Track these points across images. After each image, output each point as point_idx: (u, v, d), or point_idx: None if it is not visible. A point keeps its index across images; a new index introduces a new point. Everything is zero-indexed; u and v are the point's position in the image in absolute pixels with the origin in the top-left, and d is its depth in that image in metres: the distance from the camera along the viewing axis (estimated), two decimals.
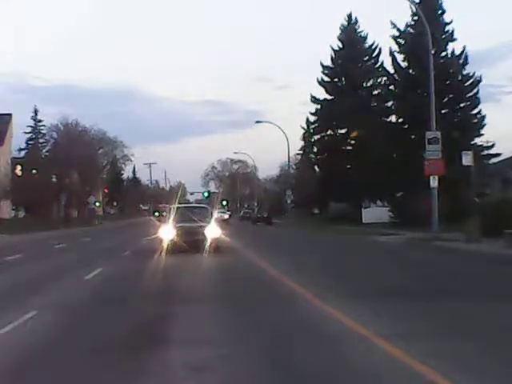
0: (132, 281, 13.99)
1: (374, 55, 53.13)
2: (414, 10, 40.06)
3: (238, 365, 6.21)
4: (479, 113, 42.75)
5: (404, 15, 46.50)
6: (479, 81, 42.79)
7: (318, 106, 54.61)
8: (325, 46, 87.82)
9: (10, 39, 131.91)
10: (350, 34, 53.01)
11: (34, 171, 60.71)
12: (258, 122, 68.95)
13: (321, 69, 53.94)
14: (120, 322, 8.76)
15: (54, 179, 61.98)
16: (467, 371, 5.78)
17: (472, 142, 40.74)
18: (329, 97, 54.00)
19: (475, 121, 42.54)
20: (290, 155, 64.13)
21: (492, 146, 42.64)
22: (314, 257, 20.50)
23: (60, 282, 13.88)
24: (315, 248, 25.98)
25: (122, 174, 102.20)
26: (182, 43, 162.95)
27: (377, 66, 52.12)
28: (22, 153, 73.24)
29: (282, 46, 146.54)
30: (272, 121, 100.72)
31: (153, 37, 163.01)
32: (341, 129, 54.08)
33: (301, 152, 61.88)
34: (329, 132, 55.10)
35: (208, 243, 20.57)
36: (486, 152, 42.32)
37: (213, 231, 21.22)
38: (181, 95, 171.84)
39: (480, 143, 42.13)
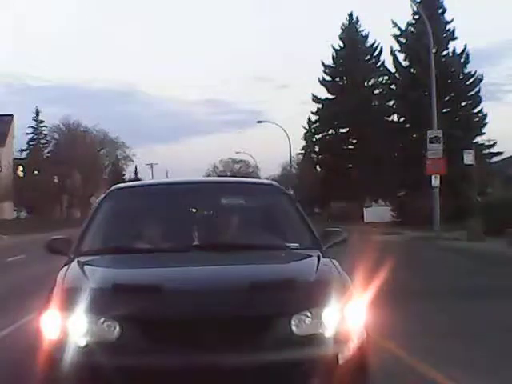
0: None
1: (375, 54, 53.12)
2: (415, 8, 39.96)
3: None
4: (481, 111, 42.67)
5: (405, 14, 46.37)
6: (480, 79, 42.72)
7: (320, 106, 54.59)
8: (325, 45, 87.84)
9: (10, 39, 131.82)
10: (351, 33, 53.00)
11: (35, 172, 60.84)
12: (259, 121, 68.62)
13: (322, 68, 54.00)
14: None
15: (55, 180, 62.02)
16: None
17: (473, 141, 40.65)
18: (330, 96, 53.97)
19: (477, 119, 42.44)
20: (292, 155, 64.15)
21: (493, 144, 42.62)
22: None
23: None
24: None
25: (124, 175, 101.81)
26: (182, 43, 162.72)
27: (378, 65, 52.09)
28: (24, 154, 73.37)
29: (282, 45, 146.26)
30: (273, 120, 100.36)
31: (153, 37, 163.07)
32: (342, 128, 54.08)
33: (302, 151, 61.82)
34: (330, 131, 55.08)
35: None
36: (487, 151, 42.25)
37: (351, 311, 3.69)
38: (181, 95, 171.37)
39: (481, 142, 42.06)
